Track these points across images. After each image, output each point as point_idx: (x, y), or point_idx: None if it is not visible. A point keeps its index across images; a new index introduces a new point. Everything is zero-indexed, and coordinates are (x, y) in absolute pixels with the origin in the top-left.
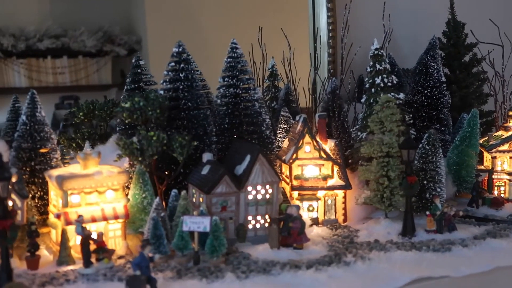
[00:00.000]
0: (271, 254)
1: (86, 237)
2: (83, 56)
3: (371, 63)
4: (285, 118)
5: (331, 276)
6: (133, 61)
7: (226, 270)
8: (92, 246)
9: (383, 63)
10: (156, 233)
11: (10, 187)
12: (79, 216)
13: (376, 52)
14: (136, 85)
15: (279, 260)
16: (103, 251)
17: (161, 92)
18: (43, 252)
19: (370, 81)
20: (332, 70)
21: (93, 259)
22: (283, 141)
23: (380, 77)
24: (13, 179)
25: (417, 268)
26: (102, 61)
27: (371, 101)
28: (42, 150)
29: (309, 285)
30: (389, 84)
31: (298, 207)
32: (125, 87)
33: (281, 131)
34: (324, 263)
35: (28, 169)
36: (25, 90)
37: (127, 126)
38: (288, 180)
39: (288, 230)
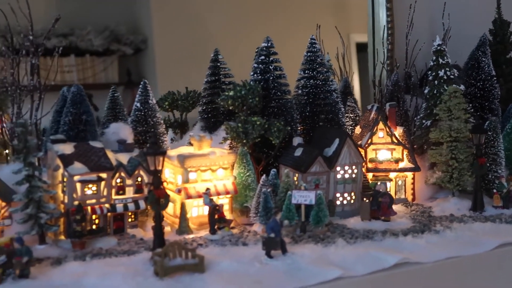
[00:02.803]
0: (363, 225)
1: (213, 208)
2: (90, 55)
3: (434, 57)
4: (351, 108)
5: (428, 242)
6: (211, 55)
7: (334, 237)
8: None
9: (445, 57)
10: (267, 205)
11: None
12: (207, 189)
13: (438, 47)
14: (215, 78)
15: (376, 229)
16: (223, 221)
17: (251, 83)
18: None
19: (434, 74)
20: (398, 64)
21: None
22: (352, 128)
23: (443, 70)
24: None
25: (498, 235)
26: (109, 60)
27: (435, 92)
28: None
29: (411, 249)
30: (452, 76)
31: (385, 184)
32: (205, 79)
33: (347, 119)
34: (417, 231)
35: None
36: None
37: (209, 115)
38: None
39: (378, 204)
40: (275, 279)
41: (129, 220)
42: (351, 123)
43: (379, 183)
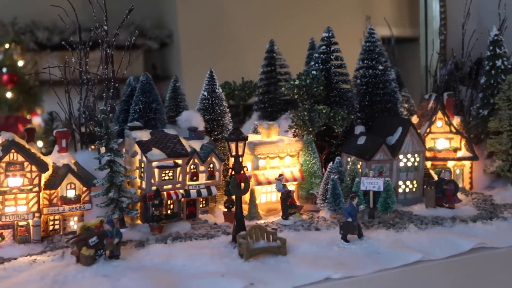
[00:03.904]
0: (429, 212)
1: (286, 194)
2: (116, 49)
3: (491, 47)
4: (406, 98)
5: (498, 228)
6: (267, 46)
7: (403, 222)
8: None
9: (502, 47)
10: (335, 192)
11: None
12: (280, 174)
13: (495, 37)
14: (271, 68)
15: (443, 216)
16: (294, 206)
17: (314, 72)
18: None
19: (491, 63)
20: (455, 54)
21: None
22: (408, 117)
23: (500, 60)
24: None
25: None
26: (134, 54)
27: (492, 81)
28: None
29: (483, 235)
30: (509, 66)
31: (450, 172)
32: (261, 70)
33: (402, 109)
34: (485, 218)
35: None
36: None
37: (266, 105)
38: None
39: (442, 191)
40: (357, 262)
41: (201, 205)
42: (405, 113)
43: (443, 171)
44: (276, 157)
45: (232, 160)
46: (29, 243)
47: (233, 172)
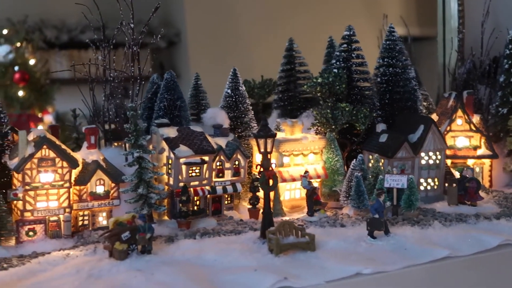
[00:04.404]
0: (452, 209)
1: (312, 190)
2: (124, 47)
3: (510, 46)
4: (424, 96)
5: None
6: (286, 44)
7: (428, 219)
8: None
9: None
10: (359, 189)
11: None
12: (306, 172)
13: None
14: (290, 66)
15: (467, 213)
16: (319, 203)
17: (335, 70)
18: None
19: (509, 62)
20: (474, 53)
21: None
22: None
23: None
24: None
25: None
26: (142, 53)
27: (511, 80)
28: None
29: (508, 231)
30: None
31: (472, 170)
32: (280, 68)
33: (422, 107)
34: (509, 215)
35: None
36: (69, 81)
37: (285, 103)
38: None
39: (465, 189)
40: (386, 257)
41: (226, 202)
42: (424, 111)
43: (465, 169)
44: (300, 155)
45: (255, 157)
46: (60, 238)
47: (261, 169)
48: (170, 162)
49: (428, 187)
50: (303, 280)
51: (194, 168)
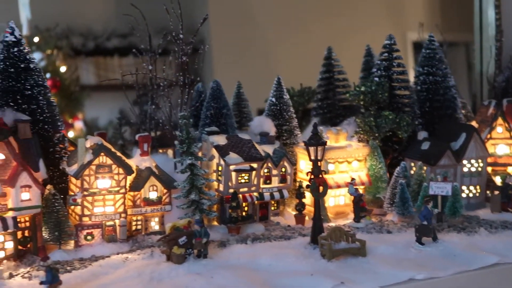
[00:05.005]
0: (496, 217)
1: (358, 197)
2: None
3: None
4: (462, 104)
5: None
6: (325, 53)
7: (473, 226)
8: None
9: None
10: (404, 196)
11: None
12: (352, 179)
13: None
14: (329, 75)
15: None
16: (364, 210)
17: (377, 79)
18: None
19: None
20: None
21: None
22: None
23: None
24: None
25: None
26: (167, 60)
27: None
28: None
29: None
30: None
31: None
32: (319, 77)
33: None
34: None
35: None
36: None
37: (325, 111)
38: None
39: (508, 197)
40: (436, 263)
41: (272, 208)
42: (463, 119)
43: (508, 177)
44: (344, 162)
45: (299, 164)
46: (116, 242)
47: (312, 176)
48: (220, 169)
49: (470, 194)
50: (358, 284)
51: (243, 175)
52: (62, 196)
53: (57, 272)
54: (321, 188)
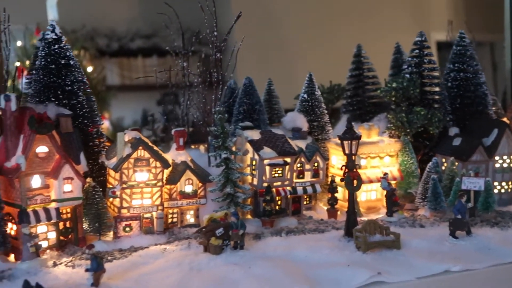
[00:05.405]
0: None
1: (391, 192)
2: (172, 55)
3: None
4: (493, 101)
5: None
6: (355, 50)
7: (507, 221)
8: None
9: None
10: (436, 191)
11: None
12: (385, 173)
13: None
14: (359, 72)
15: None
16: (397, 204)
17: (407, 75)
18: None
19: None
20: None
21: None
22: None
23: None
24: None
25: None
26: (190, 60)
27: None
28: None
29: None
30: None
31: None
32: (349, 74)
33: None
34: None
35: None
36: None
37: (354, 107)
38: None
39: None
40: (471, 256)
41: (304, 202)
42: (494, 115)
43: None
44: (376, 157)
45: (331, 159)
46: (153, 234)
47: (346, 170)
48: (254, 163)
49: (502, 190)
50: (395, 276)
51: (277, 169)
52: (101, 189)
53: (102, 261)
54: (355, 181)
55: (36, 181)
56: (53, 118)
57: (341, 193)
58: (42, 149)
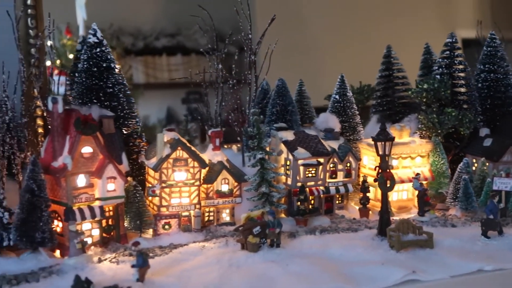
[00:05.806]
0: None
1: (423, 192)
2: (196, 54)
3: None
4: None
5: None
6: (384, 51)
7: None
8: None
9: None
10: (467, 191)
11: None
12: (417, 174)
13: None
14: (388, 73)
15: None
16: (428, 204)
17: (438, 76)
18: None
19: None
20: None
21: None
22: None
23: None
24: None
25: None
26: (214, 58)
27: None
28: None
29: None
30: None
31: None
32: (379, 74)
33: None
34: None
35: None
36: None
37: (384, 108)
38: None
39: None
40: (504, 256)
41: (337, 202)
42: None
43: None
44: (407, 157)
45: (362, 160)
46: (191, 231)
47: (380, 170)
48: (288, 163)
49: None
50: (429, 274)
51: (310, 169)
52: (141, 188)
53: (147, 257)
54: (388, 182)
55: (81, 180)
56: (96, 119)
57: (373, 192)
58: (87, 150)
